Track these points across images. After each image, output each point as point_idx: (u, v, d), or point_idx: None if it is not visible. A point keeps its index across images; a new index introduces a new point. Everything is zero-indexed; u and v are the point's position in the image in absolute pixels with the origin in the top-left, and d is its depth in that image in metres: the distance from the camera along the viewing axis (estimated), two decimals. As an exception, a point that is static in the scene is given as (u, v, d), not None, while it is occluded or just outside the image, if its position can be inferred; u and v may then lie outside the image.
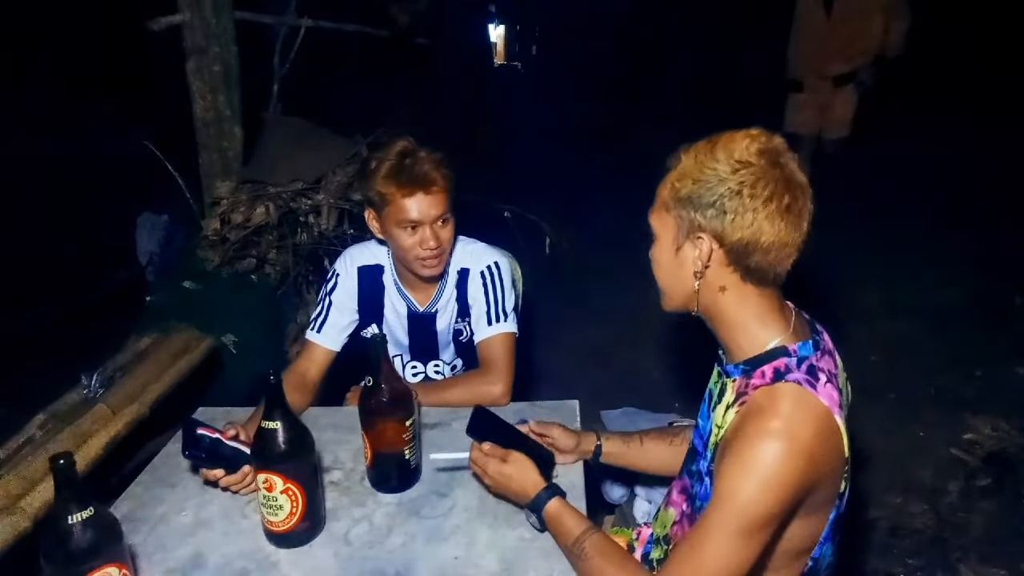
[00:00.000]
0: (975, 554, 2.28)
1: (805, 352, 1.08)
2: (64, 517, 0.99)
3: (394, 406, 1.34)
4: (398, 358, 1.93)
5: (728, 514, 0.99)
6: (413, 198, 1.61)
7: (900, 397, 3.11)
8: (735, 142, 1.04)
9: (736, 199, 1.01)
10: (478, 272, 1.83)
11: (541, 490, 1.24)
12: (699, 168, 1.04)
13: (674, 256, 1.10)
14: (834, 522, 1.13)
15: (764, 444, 0.98)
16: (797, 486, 0.99)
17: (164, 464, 1.51)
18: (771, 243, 1.03)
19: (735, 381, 1.12)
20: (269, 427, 1.19)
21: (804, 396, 1.02)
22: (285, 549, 1.25)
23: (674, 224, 1.08)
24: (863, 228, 4.78)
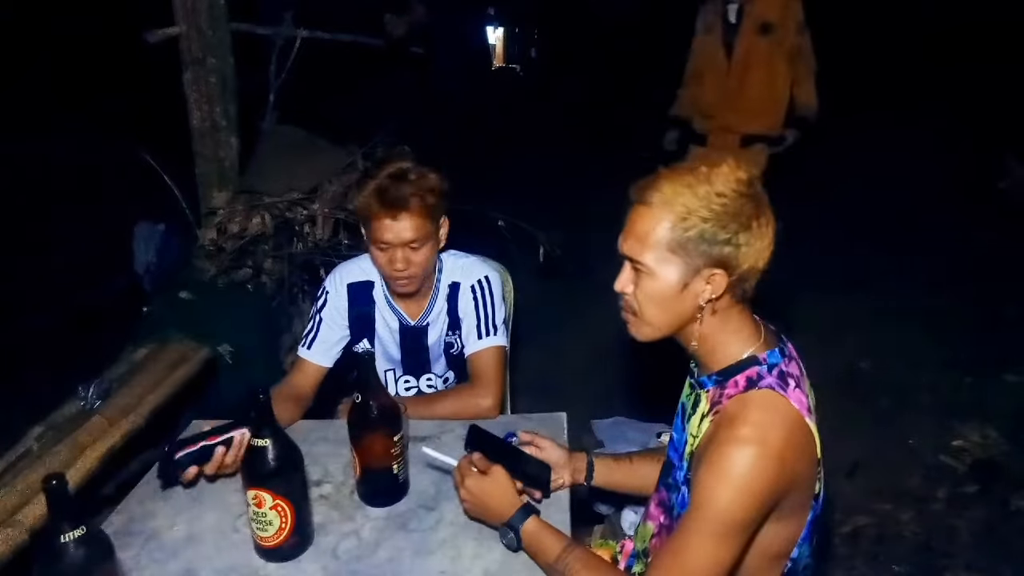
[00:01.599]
0: (962, 561, 2.31)
1: (774, 359, 1.13)
2: (57, 536, 1.01)
3: (382, 421, 1.36)
4: (391, 372, 1.95)
5: (706, 520, 1.03)
6: (385, 221, 1.63)
7: (890, 404, 3.13)
8: (723, 174, 1.07)
9: (746, 232, 1.05)
10: (469, 286, 1.85)
11: (519, 508, 1.25)
12: (706, 205, 1.05)
13: (678, 293, 1.10)
14: (811, 523, 1.17)
15: (737, 450, 1.02)
16: (771, 490, 1.03)
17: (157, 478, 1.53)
18: (764, 265, 1.09)
19: (709, 392, 1.16)
20: (258, 444, 1.22)
21: (776, 401, 1.07)
22: (275, 563, 1.28)
23: (681, 263, 1.08)
24: (854, 234, 4.81)
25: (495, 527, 1.29)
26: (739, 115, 3.44)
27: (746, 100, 3.41)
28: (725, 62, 3.43)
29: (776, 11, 3.31)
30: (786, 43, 3.33)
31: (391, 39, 3.72)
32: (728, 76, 3.41)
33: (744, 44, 3.36)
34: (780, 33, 3.32)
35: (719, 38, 3.44)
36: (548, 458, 1.43)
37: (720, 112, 3.47)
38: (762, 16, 3.32)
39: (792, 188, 5.44)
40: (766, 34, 3.32)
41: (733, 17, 3.39)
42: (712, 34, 3.47)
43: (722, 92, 3.42)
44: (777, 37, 3.32)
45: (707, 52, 3.51)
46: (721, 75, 3.43)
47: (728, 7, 3.38)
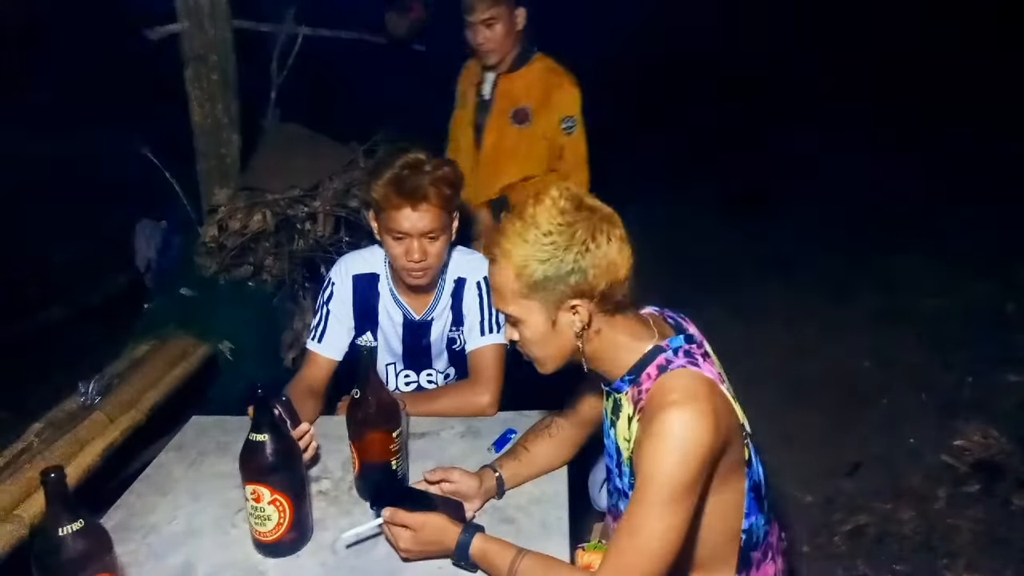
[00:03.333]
0: (963, 561, 2.30)
1: (677, 343, 1.18)
2: (55, 529, 1.02)
3: (381, 417, 1.36)
4: (391, 366, 1.95)
5: (653, 491, 1.06)
6: (404, 211, 1.63)
7: (891, 403, 3.12)
8: (545, 208, 1.09)
9: (588, 255, 1.07)
10: (475, 282, 1.85)
11: (458, 536, 1.21)
12: (536, 247, 1.08)
13: (550, 331, 1.14)
14: (752, 491, 1.20)
15: (670, 414, 1.06)
16: (709, 445, 1.07)
17: (157, 473, 1.54)
18: (625, 273, 1.11)
19: (627, 393, 1.19)
20: (256, 439, 1.22)
21: (691, 373, 1.12)
22: (273, 559, 1.28)
23: (539, 306, 1.12)
24: (856, 234, 4.80)
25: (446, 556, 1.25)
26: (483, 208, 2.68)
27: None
28: (474, 150, 2.67)
29: (536, 96, 2.54)
30: (546, 139, 2.55)
31: (392, 37, 3.72)
32: (477, 167, 2.63)
33: (493, 130, 2.62)
34: (539, 125, 2.54)
35: (470, 115, 2.70)
36: (461, 489, 1.37)
37: (474, 209, 2.66)
38: (517, 100, 2.57)
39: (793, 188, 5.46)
40: (520, 123, 2.57)
41: (487, 92, 2.63)
42: (464, 109, 2.73)
43: (473, 185, 2.47)
44: (534, 129, 2.55)
45: (456, 131, 2.78)
46: (470, 163, 2.61)
47: (484, 76, 2.63)
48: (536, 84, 2.55)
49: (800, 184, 5.54)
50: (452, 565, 1.24)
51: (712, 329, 1.32)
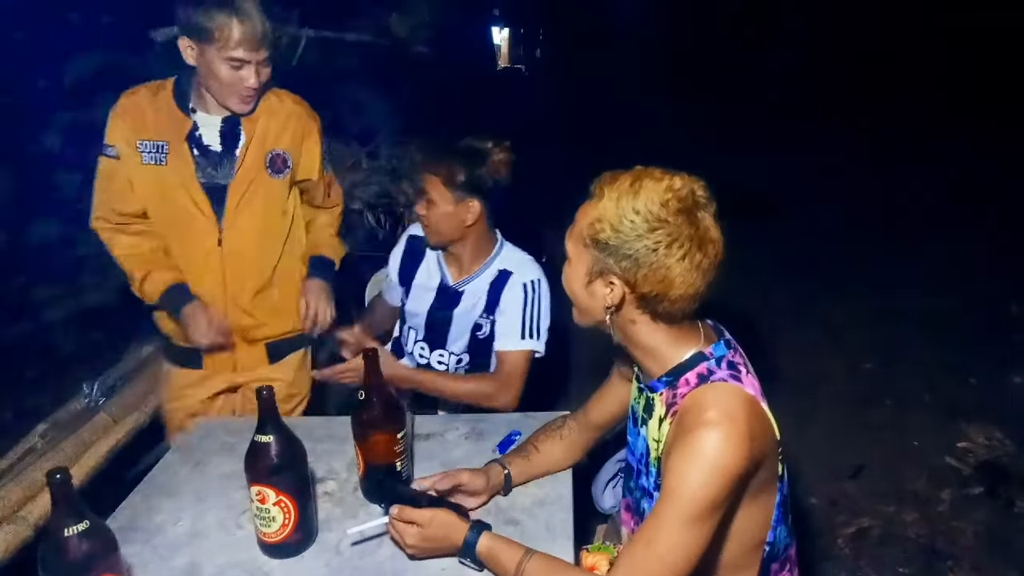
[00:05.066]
0: (967, 562, 2.30)
1: (720, 352, 1.15)
2: (60, 529, 1.01)
3: (385, 419, 1.36)
4: (412, 332, 2.02)
5: (679, 505, 1.04)
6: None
7: (895, 404, 3.12)
8: (657, 192, 1.06)
9: (652, 255, 1.05)
10: (521, 282, 1.90)
11: (466, 534, 1.21)
12: (619, 217, 1.06)
13: (585, 288, 1.14)
14: (780, 505, 1.18)
15: (704, 433, 1.04)
16: (741, 466, 1.04)
17: (162, 474, 1.54)
18: (679, 295, 1.08)
19: (662, 394, 1.17)
20: (261, 440, 1.22)
21: (732, 389, 1.09)
22: (278, 560, 1.28)
23: (589, 259, 1.11)
24: (859, 234, 4.80)
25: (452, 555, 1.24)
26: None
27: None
28: (217, 245, 2.06)
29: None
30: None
31: (396, 39, 3.73)
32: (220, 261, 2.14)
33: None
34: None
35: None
36: (470, 486, 1.37)
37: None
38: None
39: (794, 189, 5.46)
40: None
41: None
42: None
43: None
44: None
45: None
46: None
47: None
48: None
49: (804, 185, 5.54)
50: (458, 563, 1.23)
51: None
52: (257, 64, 1.67)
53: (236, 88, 1.69)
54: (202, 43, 1.64)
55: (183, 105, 1.78)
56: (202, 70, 1.70)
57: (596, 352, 3.62)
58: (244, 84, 1.69)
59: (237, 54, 1.63)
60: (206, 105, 1.78)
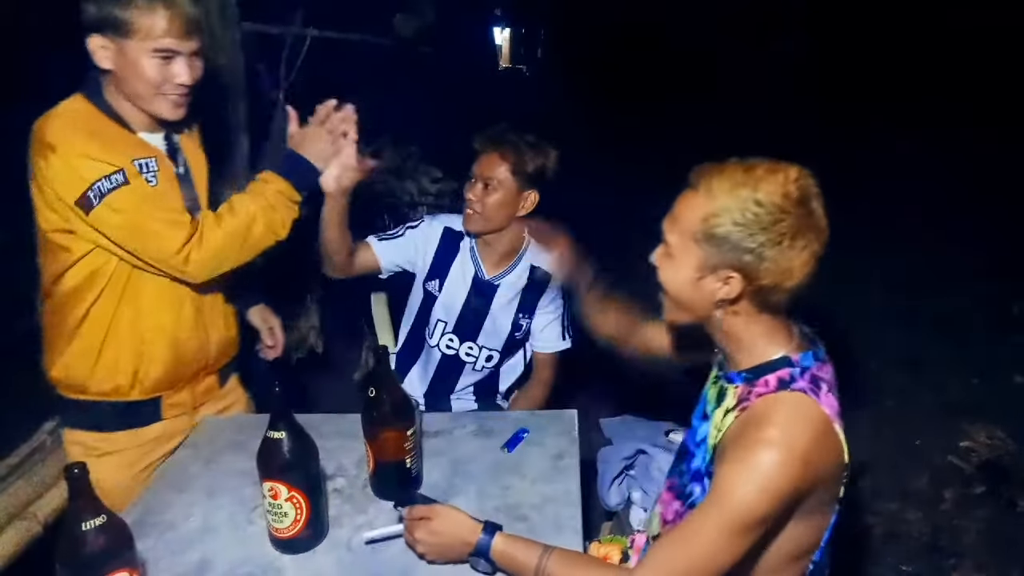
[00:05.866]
0: (969, 561, 2.31)
1: (807, 363, 1.13)
2: (77, 524, 1.03)
3: (395, 416, 1.37)
4: (441, 324, 2.03)
5: (723, 512, 1.03)
6: (482, 155, 1.89)
7: (898, 404, 3.14)
8: (775, 183, 1.04)
9: (775, 248, 1.04)
10: (558, 286, 1.97)
11: (480, 533, 1.19)
12: (741, 209, 1.04)
13: (694, 283, 1.11)
14: (833, 528, 1.17)
15: (762, 451, 1.02)
16: (792, 492, 1.03)
17: (173, 470, 1.55)
18: (795, 285, 1.07)
19: (737, 387, 1.15)
20: (274, 437, 1.23)
21: (805, 404, 1.07)
22: (289, 555, 1.29)
23: (701, 256, 1.08)
24: (863, 233, 4.80)
25: (467, 561, 1.22)
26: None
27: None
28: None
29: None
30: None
31: (400, 39, 3.74)
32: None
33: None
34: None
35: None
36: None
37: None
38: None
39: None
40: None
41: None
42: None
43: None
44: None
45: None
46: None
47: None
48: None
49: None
50: (471, 569, 1.23)
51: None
52: (189, 56, 1.44)
53: (165, 88, 1.44)
54: (120, 38, 1.39)
55: (120, 123, 1.48)
56: (121, 73, 1.42)
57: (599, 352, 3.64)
58: (176, 81, 1.44)
59: (164, 44, 1.40)
60: (133, 123, 1.50)
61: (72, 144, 1.39)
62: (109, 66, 1.43)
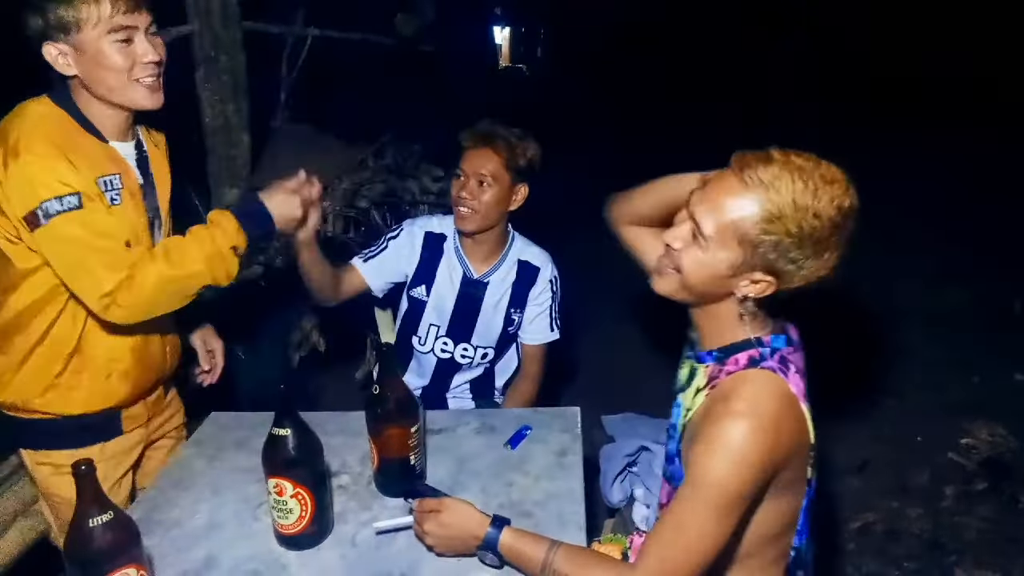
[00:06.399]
0: (970, 558, 2.32)
1: (778, 344, 1.15)
2: (85, 520, 1.03)
3: (399, 413, 1.38)
4: (434, 328, 2.02)
5: (703, 494, 1.04)
6: (470, 151, 1.85)
7: (899, 402, 3.14)
8: (833, 193, 1.02)
9: (816, 260, 1.04)
10: (547, 279, 1.97)
11: (488, 527, 1.20)
12: (798, 220, 1.00)
13: (721, 277, 1.08)
14: (806, 511, 1.18)
15: (731, 424, 1.04)
16: (766, 462, 1.04)
17: (178, 467, 1.55)
18: (808, 286, 1.08)
19: (708, 367, 1.17)
20: (279, 434, 1.24)
21: (773, 381, 1.09)
22: (295, 551, 1.30)
23: (740, 256, 1.05)
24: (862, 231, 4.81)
25: (474, 554, 1.23)
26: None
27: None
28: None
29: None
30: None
31: (401, 38, 3.75)
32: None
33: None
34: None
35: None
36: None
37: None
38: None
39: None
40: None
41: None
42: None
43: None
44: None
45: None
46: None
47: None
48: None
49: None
50: (478, 561, 1.24)
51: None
52: (147, 32, 1.37)
53: (136, 72, 1.36)
54: (73, 36, 1.32)
55: (91, 131, 1.41)
56: (87, 73, 1.35)
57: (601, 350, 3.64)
58: (144, 60, 1.36)
59: (117, 22, 1.32)
60: (104, 130, 1.43)
61: (38, 155, 1.30)
62: (73, 71, 1.36)
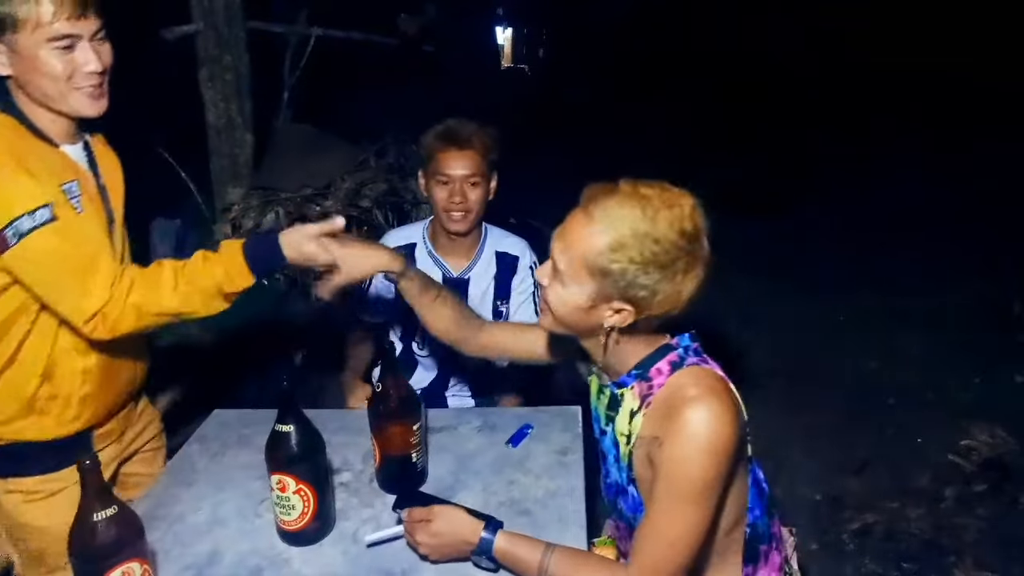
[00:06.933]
0: (970, 558, 2.32)
1: (685, 342, 1.18)
2: (89, 515, 1.04)
3: (402, 411, 1.39)
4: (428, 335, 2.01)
5: (680, 488, 1.06)
6: (450, 152, 1.82)
7: (899, 403, 3.14)
8: (672, 218, 1.04)
9: (668, 282, 1.06)
10: (527, 266, 1.98)
11: (482, 531, 1.19)
12: (638, 248, 1.04)
13: (583, 310, 1.11)
14: (754, 486, 1.20)
15: (692, 412, 1.05)
16: (734, 438, 1.06)
17: (181, 464, 1.56)
18: (680, 307, 1.10)
19: (633, 388, 1.17)
20: (282, 430, 1.25)
21: (704, 371, 1.13)
22: (297, 547, 1.31)
23: (594, 287, 1.08)
24: (863, 234, 4.82)
25: (470, 559, 1.23)
26: None
27: None
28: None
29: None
30: None
31: (404, 38, 3.76)
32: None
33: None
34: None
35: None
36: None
37: None
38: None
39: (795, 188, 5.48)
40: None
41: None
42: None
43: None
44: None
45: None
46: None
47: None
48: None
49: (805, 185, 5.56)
50: (474, 566, 1.24)
51: (719, 329, 1.34)
52: (91, 39, 1.27)
53: (76, 80, 1.27)
54: (10, 35, 1.22)
55: (40, 135, 1.31)
56: (24, 76, 1.26)
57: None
58: (85, 70, 1.26)
59: (57, 30, 1.22)
60: (51, 133, 1.33)
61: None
62: (7, 71, 1.26)
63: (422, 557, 1.26)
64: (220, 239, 2.90)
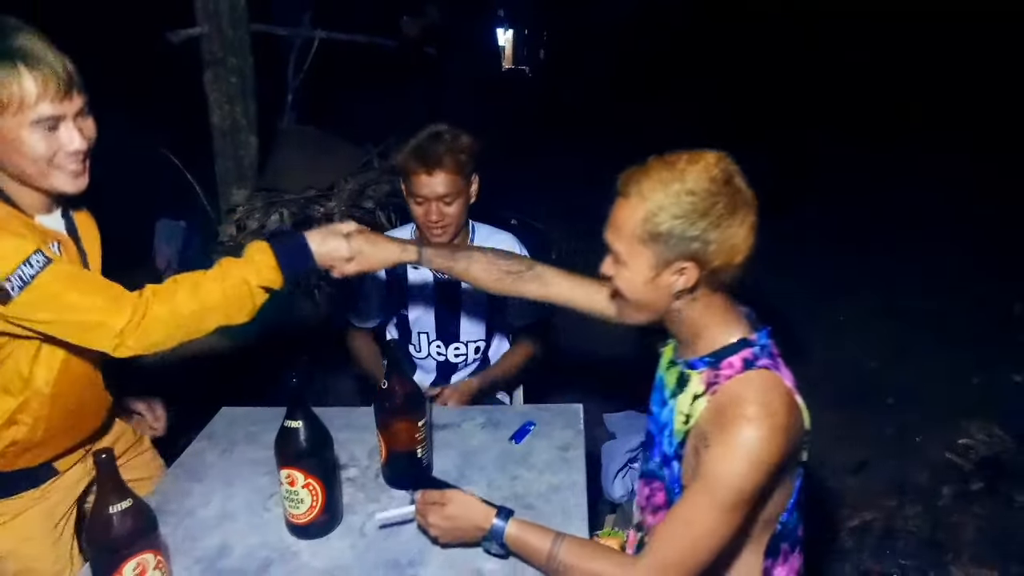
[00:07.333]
0: (967, 556, 2.34)
1: (764, 340, 1.20)
2: (105, 507, 1.07)
3: (407, 407, 1.42)
4: (424, 335, 2.05)
5: (717, 493, 1.08)
6: (422, 177, 1.80)
7: (897, 402, 3.17)
8: (699, 170, 1.10)
9: (717, 230, 1.09)
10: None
11: (494, 518, 1.23)
12: (675, 203, 1.09)
13: (651, 282, 1.15)
14: (799, 489, 1.23)
15: (746, 428, 1.08)
16: (778, 461, 1.09)
17: (191, 460, 1.59)
18: (743, 259, 1.13)
19: (702, 372, 1.20)
20: (291, 426, 1.28)
21: (772, 379, 1.14)
22: (305, 540, 1.33)
23: (651, 256, 1.13)
24: (862, 234, 4.84)
25: (479, 543, 1.26)
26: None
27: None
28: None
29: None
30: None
31: (406, 40, 3.79)
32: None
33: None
34: None
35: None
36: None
37: None
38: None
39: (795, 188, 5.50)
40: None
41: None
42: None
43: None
44: None
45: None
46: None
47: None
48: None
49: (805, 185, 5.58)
50: (483, 552, 1.27)
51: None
52: (75, 117, 1.23)
53: (58, 160, 1.23)
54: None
55: (13, 207, 1.27)
56: (4, 155, 1.22)
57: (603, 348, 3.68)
58: (67, 150, 1.23)
59: (41, 112, 1.18)
60: (24, 205, 1.29)
61: None
62: None
63: (432, 540, 1.29)
64: (225, 240, 2.94)
